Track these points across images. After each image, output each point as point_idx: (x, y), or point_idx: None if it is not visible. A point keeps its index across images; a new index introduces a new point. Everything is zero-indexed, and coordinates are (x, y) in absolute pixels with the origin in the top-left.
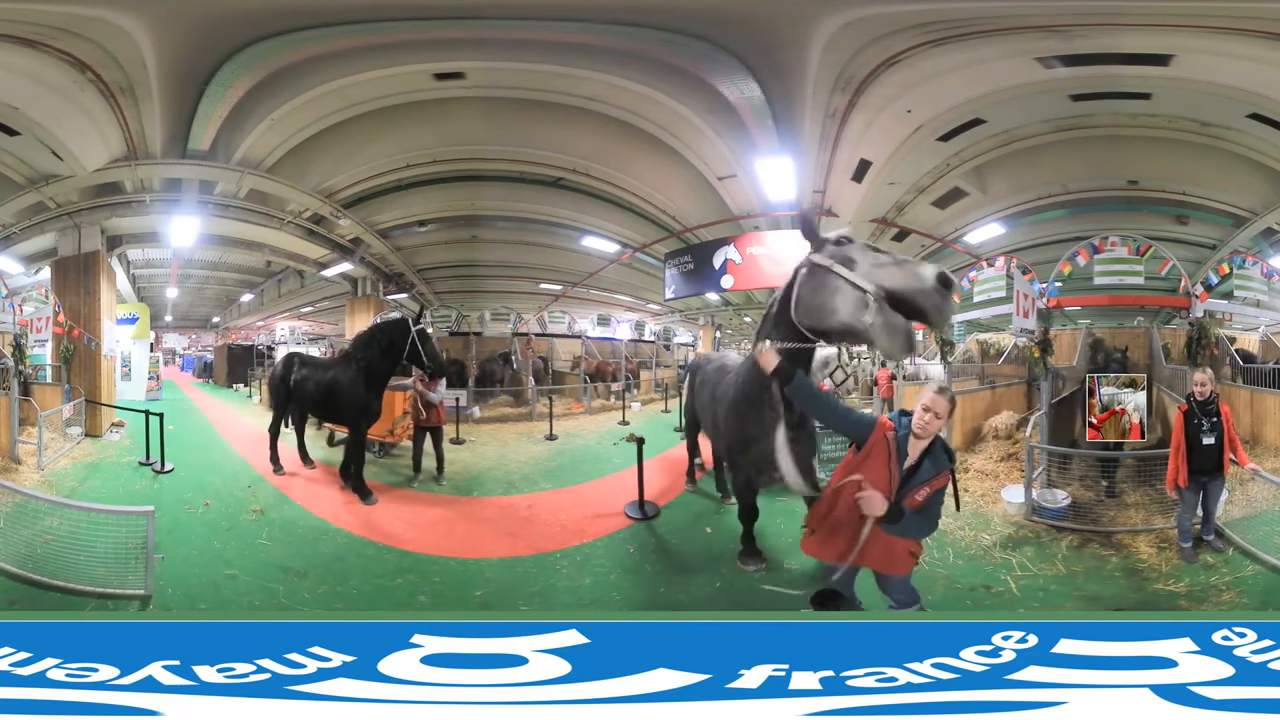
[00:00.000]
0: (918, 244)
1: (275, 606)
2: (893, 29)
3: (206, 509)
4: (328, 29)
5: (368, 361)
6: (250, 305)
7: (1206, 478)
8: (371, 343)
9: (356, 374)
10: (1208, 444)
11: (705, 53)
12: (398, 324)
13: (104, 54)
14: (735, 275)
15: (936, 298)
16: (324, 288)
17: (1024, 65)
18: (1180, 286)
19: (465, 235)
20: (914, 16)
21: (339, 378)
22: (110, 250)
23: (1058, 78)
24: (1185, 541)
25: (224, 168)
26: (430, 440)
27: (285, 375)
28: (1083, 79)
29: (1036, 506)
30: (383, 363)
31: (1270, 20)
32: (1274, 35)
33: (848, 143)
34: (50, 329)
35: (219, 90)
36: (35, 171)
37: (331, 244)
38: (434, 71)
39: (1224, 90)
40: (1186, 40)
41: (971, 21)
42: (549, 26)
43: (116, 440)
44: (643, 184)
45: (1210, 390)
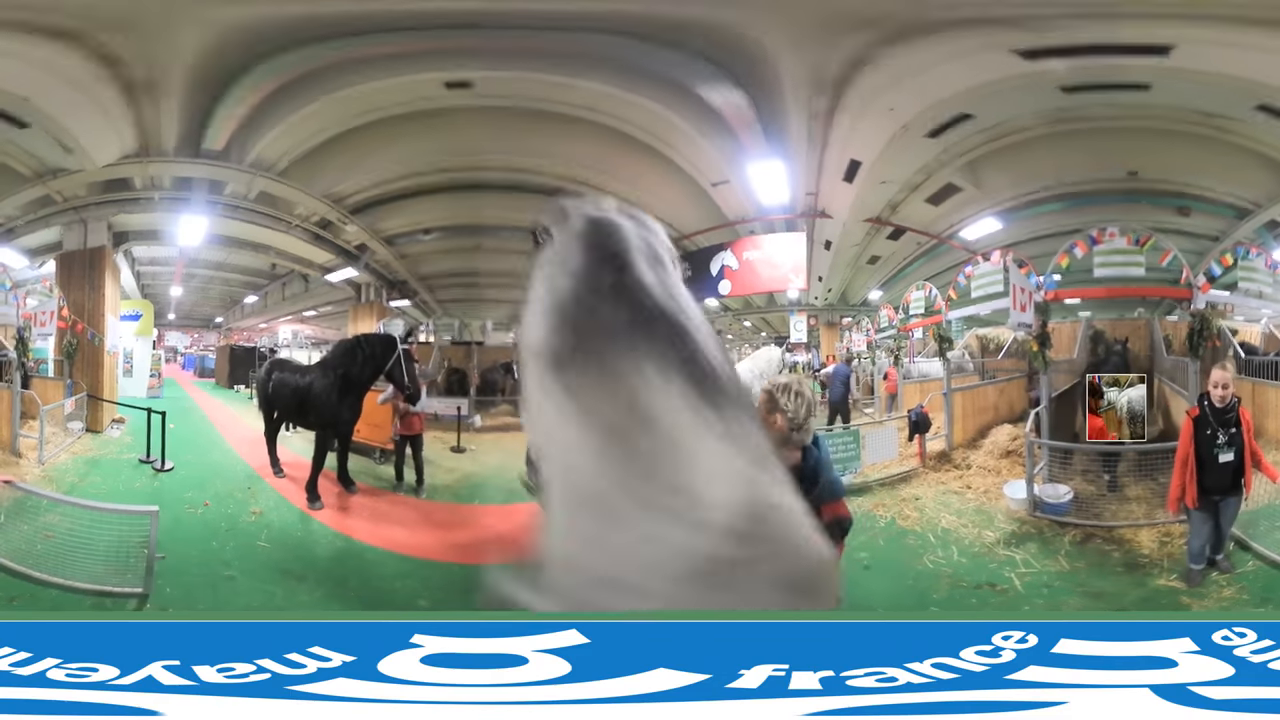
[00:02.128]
0: (913, 241)
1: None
2: (847, 27)
3: (206, 509)
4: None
5: (346, 371)
6: (254, 307)
7: (1219, 496)
8: (354, 353)
9: (332, 382)
10: (1225, 461)
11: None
12: (384, 340)
13: (140, 49)
14: (733, 280)
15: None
16: (328, 292)
17: (1006, 58)
18: (1182, 278)
19: (469, 244)
20: (863, 12)
21: (314, 384)
22: (116, 246)
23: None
24: (1196, 564)
25: (237, 169)
26: (411, 450)
27: (267, 379)
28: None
29: (1039, 502)
30: (361, 374)
31: (1272, 8)
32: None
33: (836, 144)
34: (54, 323)
35: (241, 93)
36: (43, 164)
37: (337, 249)
38: (445, 80)
39: (1227, 81)
40: (1186, 30)
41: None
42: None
43: (117, 437)
44: (639, 192)
45: (1232, 395)
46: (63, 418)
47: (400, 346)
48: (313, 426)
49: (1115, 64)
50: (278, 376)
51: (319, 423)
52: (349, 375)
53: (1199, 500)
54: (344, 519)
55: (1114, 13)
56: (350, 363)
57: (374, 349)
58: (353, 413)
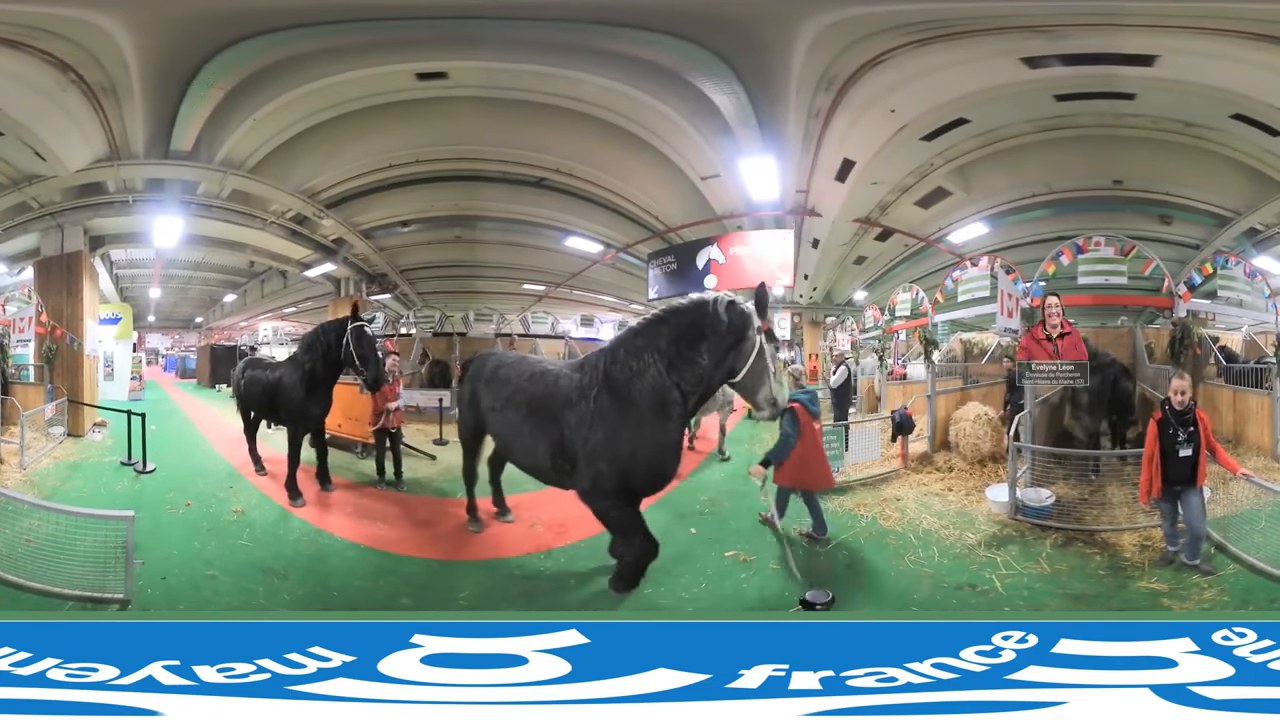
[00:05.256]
0: (901, 244)
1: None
2: (877, 29)
3: (188, 509)
4: (309, 29)
5: (310, 364)
6: (233, 306)
7: (1180, 488)
8: (314, 345)
9: (299, 377)
10: (1184, 456)
11: (688, 53)
12: (340, 324)
13: (85, 54)
14: (719, 275)
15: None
16: (307, 288)
17: (1008, 65)
18: (1164, 286)
19: (448, 235)
20: (899, 17)
21: (283, 380)
22: (93, 250)
23: (1042, 77)
24: (1172, 545)
25: (206, 168)
26: (390, 444)
27: (241, 378)
28: (1068, 79)
29: (1020, 505)
30: (324, 366)
31: (1252, 20)
32: (1256, 36)
33: (831, 142)
34: (33, 329)
35: (201, 90)
36: (18, 171)
37: (314, 244)
38: (416, 71)
39: (1207, 90)
40: (1171, 40)
41: (956, 21)
42: (532, 27)
43: (99, 440)
44: (626, 184)
45: (1189, 399)
46: (44, 423)
47: (350, 325)
48: (283, 422)
49: (1108, 73)
50: (249, 374)
51: (289, 418)
52: (314, 368)
53: (1162, 491)
54: (325, 515)
55: (1115, 22)
56: (313, 355)
57: (332, 337)
58: (321, 407)
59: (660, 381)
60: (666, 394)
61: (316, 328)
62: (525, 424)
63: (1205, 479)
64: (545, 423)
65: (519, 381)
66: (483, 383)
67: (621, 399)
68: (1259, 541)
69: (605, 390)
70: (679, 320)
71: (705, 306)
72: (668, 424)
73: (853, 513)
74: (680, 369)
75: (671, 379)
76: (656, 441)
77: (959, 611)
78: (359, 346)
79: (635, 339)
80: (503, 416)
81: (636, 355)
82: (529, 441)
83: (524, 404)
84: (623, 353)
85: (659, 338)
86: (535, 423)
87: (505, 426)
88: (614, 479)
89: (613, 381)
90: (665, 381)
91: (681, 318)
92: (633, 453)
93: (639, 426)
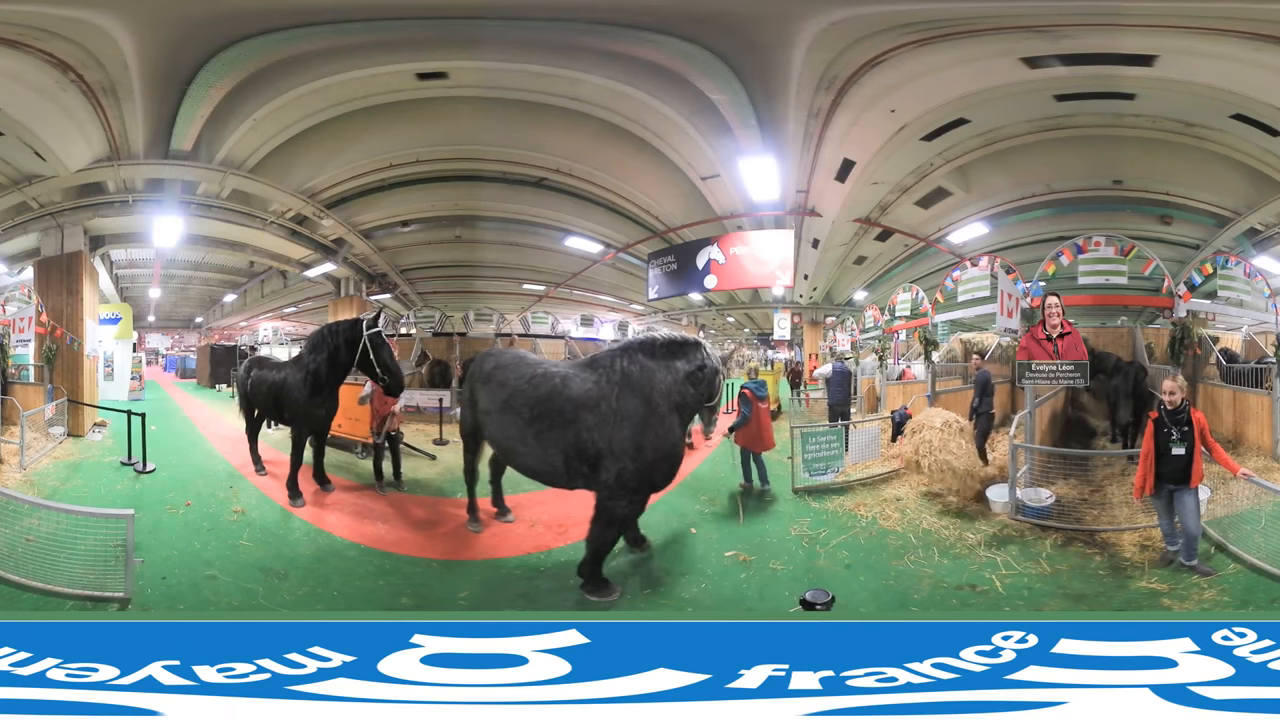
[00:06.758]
0: (901, 244)
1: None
2: (877, 29)
3: (188, 509)
4: (309, 29)
5: (317, 365)
6: (233, 305)
7: (1173, 486)
8: (321, 345)
9: (305, 377)
10: (1177, 454)
11: (688, 53)
12: (350, 327)
13: (85, 54)
14: (719, 275)
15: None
16: (307, 288)
17: (1008, 65)
18: (1164, 286)
19: (448, 235)
20: (899, 17)
21: (289, 380)
22: (93, 250)
23: (1042, 77)
24: (1171, 544)
25: (206, 168)
26: (389, 445)
27: (246, 378)
28: (1068, 79)
29: (1020, 505)
30: (330, 368)
31: (1251, 20)
32: (1255, 35)
33: (831, 142)
34: (33, 329)
35: (201, 90)
36: (18, 171)
37: (314, 244)
38: (416, 71)
39: (1207, 90)
40: (1171, 40)
41: (956, 21)
42: (532, 27)
43: (99, 440)
44: (626, 184)
45: (1180, 399)
46: (44, 423)
47: (366, 333)
48: (287, 423)
49: (1108, 73)
50: (256, 374)
51: (294, 419)
52: (320, 369)
53: (1155, 488)
54: (325, 516)
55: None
56: (320, 356)
57: (340, 339)
58: (327, 408)
59: (674, 381)
60: (680, 393)
61: (323, 328)
62: (530, 429)
63: (1201, 479)
64: (557, 426)
65: (518, 384)
66: (480, 383)
67: (642, 399)
68: (1259, 541)
69: (626, 390)
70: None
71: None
72: (679, 421)
73: (853, 513)
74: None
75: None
76: (674, 438)
77: (959, 611)
78: (379, 354)
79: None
80: (501, 420)
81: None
82: (536, 445)
83: (526, 408)
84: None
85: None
86: (544, 426)
87: (504, 431)
88: (638, 475)
89: (631, 381)
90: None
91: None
92: (655, 448)
93: (660, 424)
